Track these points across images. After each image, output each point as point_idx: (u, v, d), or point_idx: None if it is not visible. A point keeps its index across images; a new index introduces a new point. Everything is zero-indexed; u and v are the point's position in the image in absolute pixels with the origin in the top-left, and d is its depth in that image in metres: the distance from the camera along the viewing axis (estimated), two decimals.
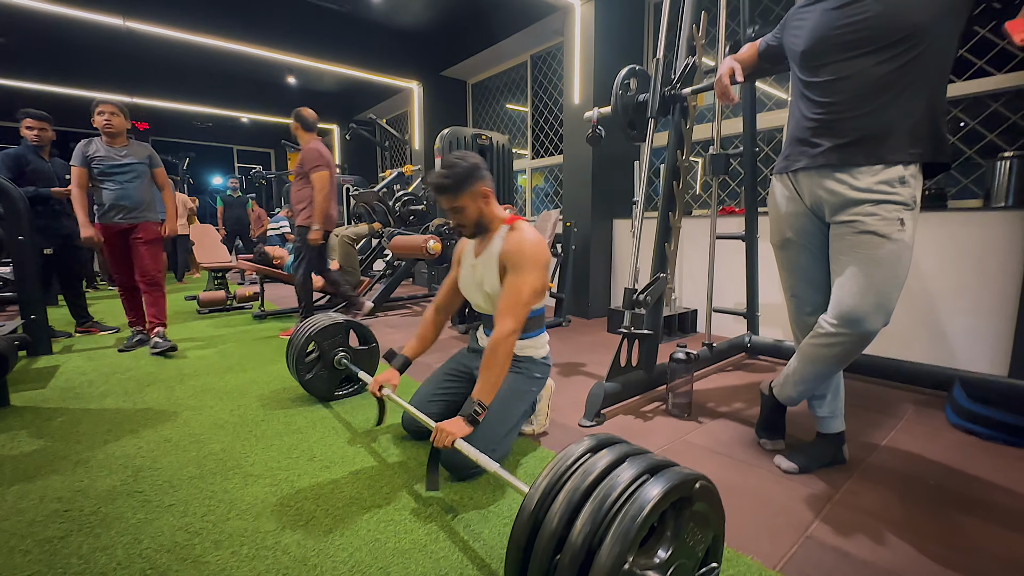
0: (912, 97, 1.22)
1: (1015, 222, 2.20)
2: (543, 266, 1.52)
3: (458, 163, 1.51)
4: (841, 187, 1.30)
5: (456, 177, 1.50)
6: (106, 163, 2.86)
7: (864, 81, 1.25)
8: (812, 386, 1.48)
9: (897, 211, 1.24)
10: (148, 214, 2.99)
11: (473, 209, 1.54)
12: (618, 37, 3.94)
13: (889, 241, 1.24)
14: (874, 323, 1.27)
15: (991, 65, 2.47)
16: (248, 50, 5.33)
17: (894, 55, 1.21)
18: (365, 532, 1.21)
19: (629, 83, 2.20)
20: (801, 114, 1.39)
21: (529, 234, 1.53)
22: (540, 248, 1.51)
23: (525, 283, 1.46)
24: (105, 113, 2.83)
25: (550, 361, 1.73)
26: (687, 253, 3.52)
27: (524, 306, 1.46)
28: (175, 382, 2.41)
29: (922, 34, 1.19)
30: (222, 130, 9.36)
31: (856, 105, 1.27)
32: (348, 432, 1.82)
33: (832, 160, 1.31)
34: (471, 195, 1.53)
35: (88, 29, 4.77)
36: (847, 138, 1.28)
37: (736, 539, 1.18)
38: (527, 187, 5.54)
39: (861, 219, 1.27)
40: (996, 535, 1.20)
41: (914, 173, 1.25)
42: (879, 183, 1.25)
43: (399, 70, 6.07)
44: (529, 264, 1.47)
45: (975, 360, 2.35)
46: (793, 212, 1.45)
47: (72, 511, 1.30)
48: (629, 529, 0.64)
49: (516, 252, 1.49)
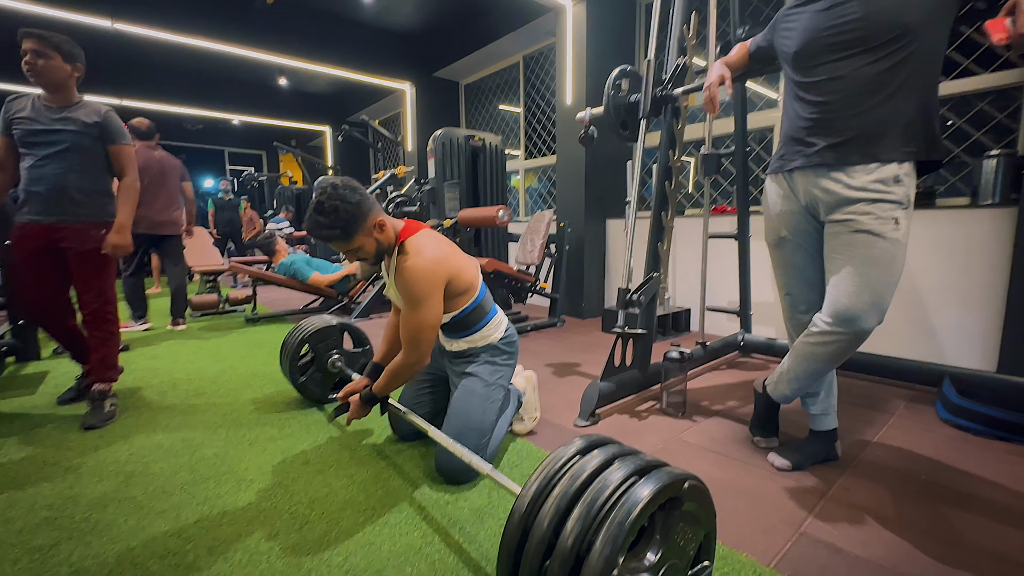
0: (905, 96, 1.24)
1: (1002, 219, 2.23)
2: (437, 287, 1.43)
3: (339, 205, 1.33)
4: (836, 186, 1.31)
5: (343, 224, 1.34)
6: (28, 127, 1.90)
7: (857, 81, 1.26)
8: (806, 384, 1.49)
9: (892, 210, 1.25)
10: (84, 210, 1.97)
11: (370, 244, 1.42)
12: (610, 38, 3.95)
13: (884, 240, 1.25)
14: (868, 321, 1.28)
15: (977, 64, 2.50)
16: (239, 52, 5.29)
17: (886, 55, 1.23)
18: (360, 536, 1.20)
19: (621, 84, 2.20)
20: (795, 114, 1.40)
21: (418, 260, 1.40)
22: (429, 271, 1.40)
23: (421, 317, 1.40)
24: (27, 53, 1.85)
25: (514, 336, 1.68)
26: (680, 252, 3.54)
27: (425, 341, 1.43)
28: (167, 387, 2.38)
29: (912, 34, 1.20)
30: (213, 132, 9.29)
31: (850, 104, 1.28)
32: (343, 435, 1.81)
33: (827, 159, 1.32)
34: (364, 232, 1.39)
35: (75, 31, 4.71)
36: (841, 137, 1.29)
37: (730, 537, 1.18)
38: (520, 188, 5.54)
39: (856, 218, 1.28)
40: (986, 529, 1.21)
41: (908, 171, 1.26)
42: (874, 182, 1.26)
43: (391, 71, 6.06)
44: (421, 295, 1.39)
45: (964, 356, 2.38)
46: (788, 211, 1.46)
47: (62, 519, 1.29)
48: (618, 533, 0.64)
49: (405, 285, 1.41)
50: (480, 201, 4.01)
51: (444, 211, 3.79)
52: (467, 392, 1.55)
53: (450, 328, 1.61)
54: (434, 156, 3.83)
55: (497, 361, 1.63)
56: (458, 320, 1.57)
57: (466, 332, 1.61)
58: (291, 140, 8.61)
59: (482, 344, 1.62)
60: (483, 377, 1.58)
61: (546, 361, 2.79)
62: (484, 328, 1.61)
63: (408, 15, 5.56)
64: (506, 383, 1.65)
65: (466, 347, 1.63)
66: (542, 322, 3.74)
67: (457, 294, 1.52)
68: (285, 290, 4.59)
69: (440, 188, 3.82)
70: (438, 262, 1.43)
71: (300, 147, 8.39)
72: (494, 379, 1.59)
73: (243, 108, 8.22)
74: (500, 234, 4.09)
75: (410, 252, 1.43)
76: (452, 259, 1.49)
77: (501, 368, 1.63)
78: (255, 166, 10.18)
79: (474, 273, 1.59)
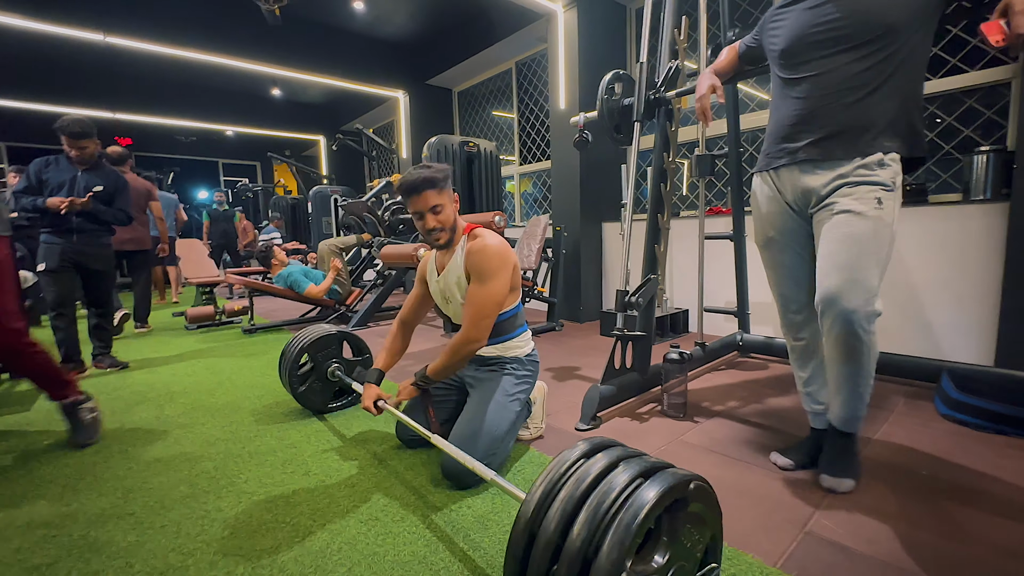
0: (889, 94, 1.25)
1: (993, 214, 2.25)
2: (508, 268, 1.54)
3: (435, 164, 1.54)
4: (819, 180, 1.32)
5: (443, 173, 1.53)
6: None
7: (842, 77, 1.28)
8: (848, 396, 1.35)
9: (873, 191, 1.24)
10: None
11: (451, 211, 1.57)
12: (601, 43, 3.98)
13: (863, 218, 1.23)
14: (850, 300, 1.20)
15: (964, 62, 2.53)
16: (231, 63, 5.30)
17: (870, 53, 1.24)
18: (363, 546, 1.19)
19: (614, 87, 2.22)
20: (782, 112, 1.41)
21: (490, 239, 1.54)
22: (503, 250, 1.53)
23: (489, 292, 1.48)
24: None
25: (537, 357, 1.74)
26: (677, 254, 3.55)
27: (487, 317, 1.48)
28: (164, 400, 2.37)
29: (896, 34, 1.22)
30: (207, 144, 9.29)
31: (834, 100, 1.29)
32: (343, 444, 1.80)
33: (811, 155, 1.33)
34: (449, 195, 1.56)
35: (67, 45, 4.72)
36: (825, 132, 1.30)
37: (736, 537, 1.18)
38: (516, 193, 5.55)
39: (837, 200, 1.28)
40: (989, 523, 1.21)
41: (893, 158, 1.26)
42: (857, 168, 1.26)
43: (384, 80, 6.08)
44: (493, 270, 1.49)
45: (962, 351, 2.39)
46: (776, 211, 1.47)
47: (60, 536, 1.27)
48: (625, 536, 0.64)
49: (479, 259, 1.50)
50: (476, 207, 4.02)
51: None
52: (487, 398, 1.56)
53: None
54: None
55: (520, 375, 1.65)
56: (499, 323, 1.62)
57: (501, 338, 1.64)
58: (285, 150, 8.63)
59: (510, 355, 1.66)
60: (505, 387, 1.60)
61: (546, 365, 2.79)
62: (516, 338, 1.67)
63: (400, 24, 5.59)
64: (524, 399, 1.65)
65: (496, 354, 1.65)
66: (540, 326, 3.74)
67: (512, 290, 1.60)
68: (282, 300, 4.57)
69: None
70: (507, 247, 1.55)
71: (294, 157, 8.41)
72: (514, 391, 1.61)
73: (237, 119, 8.23)
74: None
75: (482, 235, 1.56)
76: (514, 253, 1.60)
77: (522, 383, 1.64)
78: (249, 177, 10.17)
79: (519, 280, 1.67)
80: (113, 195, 2.89)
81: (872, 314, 1.22)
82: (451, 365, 1.53)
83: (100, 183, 2.79)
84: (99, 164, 2.86)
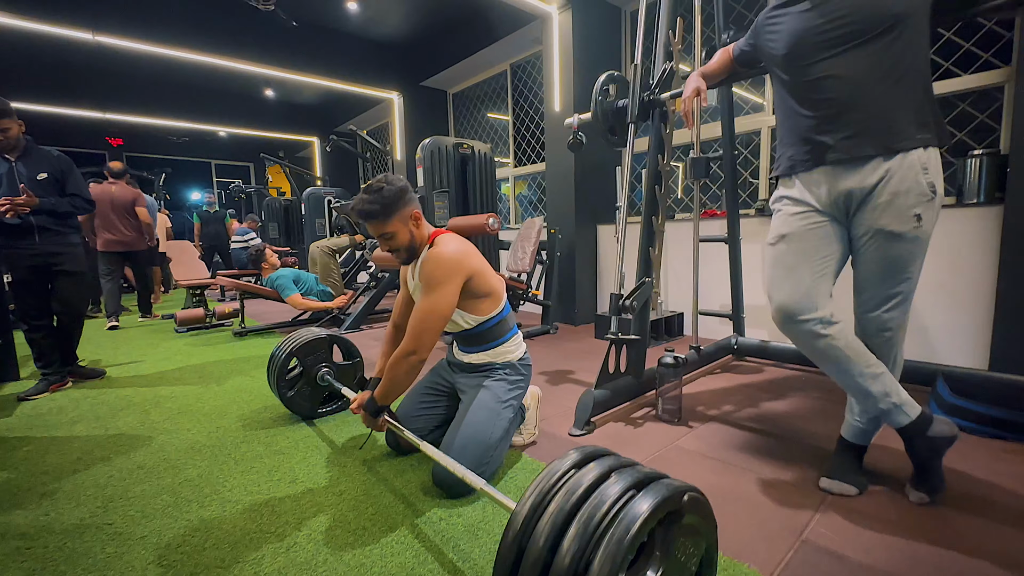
0: (912, 83, 1.22)
1: (987, 217, 2.25)
2: (458, 276, 1.46)
3: (385, 187, 1.45)
4: (856, 180, 1.27)
5: (384, 202, 1.43)
6: None
7: (859, 73, 1.24)
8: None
9: (913, 205, 1.21)
10: None
11: (404, 233, 1.49)
12: (596, 45, 3.97)
13: (902, 241, 1.24)
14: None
15: (957, 66, 2.54)
16: (224, 63, 5.25)
17: (883, 44, 1.21)
18: (350, 557, 1.16)
19: (608, 89, 2.20)
20: (798, 114, 1.35)
21: (445, 247, 1.48)
22: (455, 259, 1.46)
23: (432, 303, 1.43)
24: None
25: (529, 361, 1.70)
26: (672, 257, 3.53)
27: (430, 329, 1.42)
28: (150, 405, 2.32)
29: (904, 22, 1.20)
30: (199, 145, 9.21)
31: (856, 97, 1.25)
32: (332, 451, 1.76)
33: (846, 154, 1.27)
34: (401, 219, 1.47)
35: (55, 43, 4.66)
36: (856, 128, 1.25)
37: (732, 546, 1.15)
38: (511, 195, 5.53)
39: (878, 214, 1.25)
40: (986, 529, 1.20)
41: (932, 155, 1.22)
42: (899, 168, 1.22)
43: (379, 81, 6.05)
44: (440, 279, 1.43)
45: (957, 354, 2.39)
46: (793, 213, 1.39)
47: (36, 548, 1.23)
48: (617, 551, 0.61)
49: (428, 269, 1.46)
50: (470, 209, 3.99)
51: (434, 220, 3.76)
52: (479, 405, 1.52)
53: (475, 339, 1.62)
54: (423, 165, 3.81)
55: (512, 380, 1.62)
56: (484, 330, 1.59)
57: (489, 345, 1.61)
58: (279, 151, 8.56)
59: (501, 360, 1.62)
60: (497, 393, 1.56)
61: (540, 369, 2.76)
62: (506, 343, 1.63)
63: (395, 25, 5.57)
64: (517, 404, 1.62)
65: (487, 360, 1.63)
66: (535, 329, 3.71)
67: (481, 295, 1.55)
68: (274, 303, 4.52)
69: (429, 196, 3.79)
70: (462, 254, 1.49)
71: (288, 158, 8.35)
72: (507, 397, 1.58)
73: (230, 120, 8.16)
74: (491, 242, 4.06)
75: (438, 244, 1.51)
76: (475, 259, 1.54)
77: (515, 389, 1.61)
78: (243, 178, 10.09)
79: (498, 282, 1.61)
80: (62, 181, 2.50)
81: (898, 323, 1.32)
82: (395, 382, 1.45)
83: (42, 170, 2.43)
84: (31, 148, 2.45)
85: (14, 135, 2.36)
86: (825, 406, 2.08)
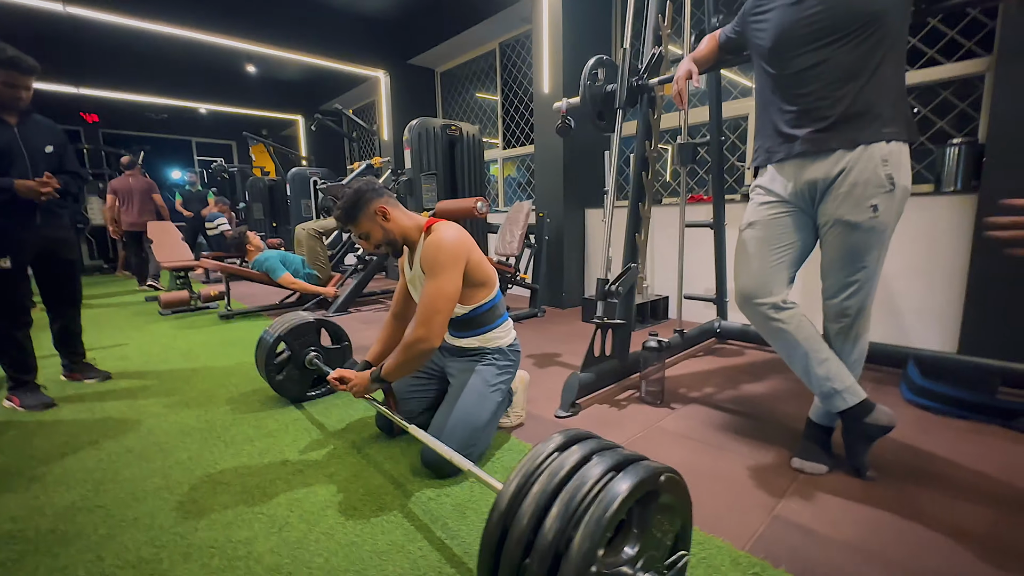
0: (883, 80, 1.26)
1: (963, 205, 2.31)
2: (460, 262, 1.51)
3: (346, 191, 1.56)
4: (820, 171, 1.32)
5: (345, 207, 1.54)
6: None
7: (833, 68, 1.28)
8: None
9: (870, 196, 1.25)
10: None
11: (376, 230, 1.56)
12: (586, 25, 3.92)
13: (858, 230, 1.28)
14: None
15: (941, 54, 2.57)
16: (204, 37, 5.07)
17: (859, 41, 1.24)
18: (341, 536, 1.19)
19: (597, 73, 2.19)
20: (777, 107, 1.40)
21: (444, 233, 1.52)
22: (456, 245, 1.50)
23: (438, 288, 1.47)
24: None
25: (519, 346, 1.74)
26: (658, 241, 3.57)
27: (439, 313, 1.46)
28: (137, 390, 2.31)
29: (881, 20, 1.23)
30: (179, 122, 8.94)
31: (829, 92, 1.29)
32: (321, 433, 1.79)
33: (811, 147, 1.32)
34: (368, 217, 1.54)
35: (24, 13, 4.45)
36: (824, 123, 1.30)
37: (707, 521, 1.21)
38: (499, 177, 5.50)
39: (837, 204, 1.30)
40: (948, 505, 1.27)
41: (896, 148, 1.25)
42: (858, 161, 1.26)
43: (365, 58, 5.90)
44: (443, 264, 1.48)
45: (927, 338, 2.48)
46: (765, 202, 1.46)
47: (27, 531, 1.24)
48: (596, 529, 0.65)
49: (430, 255, 1.50)
50: (458, 192, 3.97)
51: (421, 202, 3.74)
52: (468, 388, 1.56)
53: (466, 324, 1.64)
54: (410, 146, 3.77)
55: (501, 365, 1.65)
56: (476, 316, 1.62)
57: (480, 330, 1.65)
58: (262, 130, 8.34)
59: (491, 346, 1.66)
60: (486, 377, 1.60)
61: (527, 352, 2.80)
62: (496, 329, 1.67)
63: (381, 0, 5.41)
64: (506, 389, 1.66)
65: (477, 345, 1.66)
66: (523, 313, 3.74)
67: (476, 284, 1.58)
68: (260, 285, 4.48)
69: (417, 179, 3.76)
70: (460, 241, 1.53)
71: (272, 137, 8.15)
72: (496, 381, 1.61)
73: (210, 97, 7.93)
74: (479, 225, 4.06)
75: (436, 231, 1.54)
76: (472, 245, 1.58)
77: (503, 374, 1.65)
78: (224, 157, 9.84)
79: (492, 271, 1.65)
80: (61, 155, 2.19)
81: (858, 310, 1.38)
82: (405, 364, 1.49)
83: (48, 142, 2.14)
84: (29, 113, 2.12)
85: (30, 98, 2.08)
86: (802, 389, 2.14)
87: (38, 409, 2.08)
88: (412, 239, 1.61)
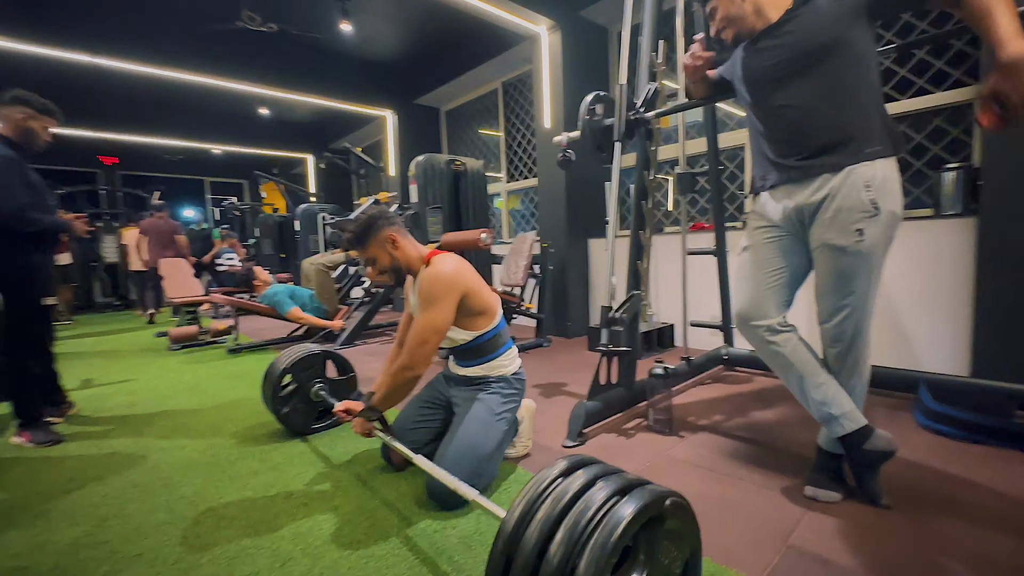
0: (854, 101, 1.29)
1: (964, 229, 2.33)
2: (454, 293, 1.53)
3: (359, 217, 1.61)
4: (806, 195, 1.35)
5: (357, 231, 1.59)
6: None
7: (805, 100, 1.33)
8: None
9: (856, 220, 1.27)
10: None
11: (384, 256, 1.61)
12: (584, 64, 4.08)
13: (844, 254, 1.30)
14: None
15: (930, 83, 2.64)
16: (219, 83, 5.32)
17: (822, 72, 1.30)
18: (345, 570, 1.17)
19: (595, 108, 2.27)
20: (763, 139, 1.46)
21: (441, 266, 1.56)
22: (451, 277, 1.53)
23: (429, 319, 1.50)
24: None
25: (523, 375, 1.74)
26: (662, 269, 3.59)
27: (426, 343, 1.49)
28: (143, 424, 2.32)
29: (836, 48, 1.28)
30: (193, 162, 9.25)
31: (807, 124, 1.34)
32: (327, 466, 1.77)
33: (798, 175, 1.36)
34: (377, 243, 1.60)
35: (53, 65, 4.71)
36: (809, 151, 1.34)
37: (720, 553, 1.18)
38: (504, 210, 5.60)
39: (824, 229, 1.32)
40: (969, 534, 1.23)
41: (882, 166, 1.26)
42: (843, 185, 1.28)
43: (372, 99, 6.14)
44: (436, 296, 1.51)
45: (938, 362, 2.44)
46: (758, 227, 1.50)
47: (31, 568, 1.23)
48: (601, 555, 0.64)
49: (425, 287, 1.54)
50: (463, 224, 4.04)
51: (427, 235, 3.81)
52: (473, 417, 1.56)
53: (470, 352, 1.65)
54: (416, 181, 3.87)
55: (506, 393, 1.65)
56: (479, 344, 1.63)
57: (484, 358, 1.66)
58: (273, 168, 8.60)
59: (495, 374, 1.67)
60: (491, 406, 1.60)
61: (533, 382, 2.79)
62: (500, 358, 1.67)
63: (388, 45, 5.68)
64: (511, 417, 1.66)
65: (482, 374, 1.67)
66: (528, 343, 3.74)
67: (475, 313, 1.60)
68: (269, 320, 4.52)
69: (423, 212, 3.84)
70: (457, 273, 1.56)
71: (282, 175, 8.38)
72: (501, 410, 1.61)
73: (223, 138, 8.22)
74: (484, 257, 4.11)
75: (434, 263, 1.59)
76: (470, 277, 1.61)
77: (508, 402, 1.65)
78: (236, 195, 10.11)
79: (493, 299, 1.68)
80: None
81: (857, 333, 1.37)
82: (393, 392, 1.52)
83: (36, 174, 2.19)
84: None
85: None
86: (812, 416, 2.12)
87: (47, 445, 2.08)
88: (415, 269, 1.65)
